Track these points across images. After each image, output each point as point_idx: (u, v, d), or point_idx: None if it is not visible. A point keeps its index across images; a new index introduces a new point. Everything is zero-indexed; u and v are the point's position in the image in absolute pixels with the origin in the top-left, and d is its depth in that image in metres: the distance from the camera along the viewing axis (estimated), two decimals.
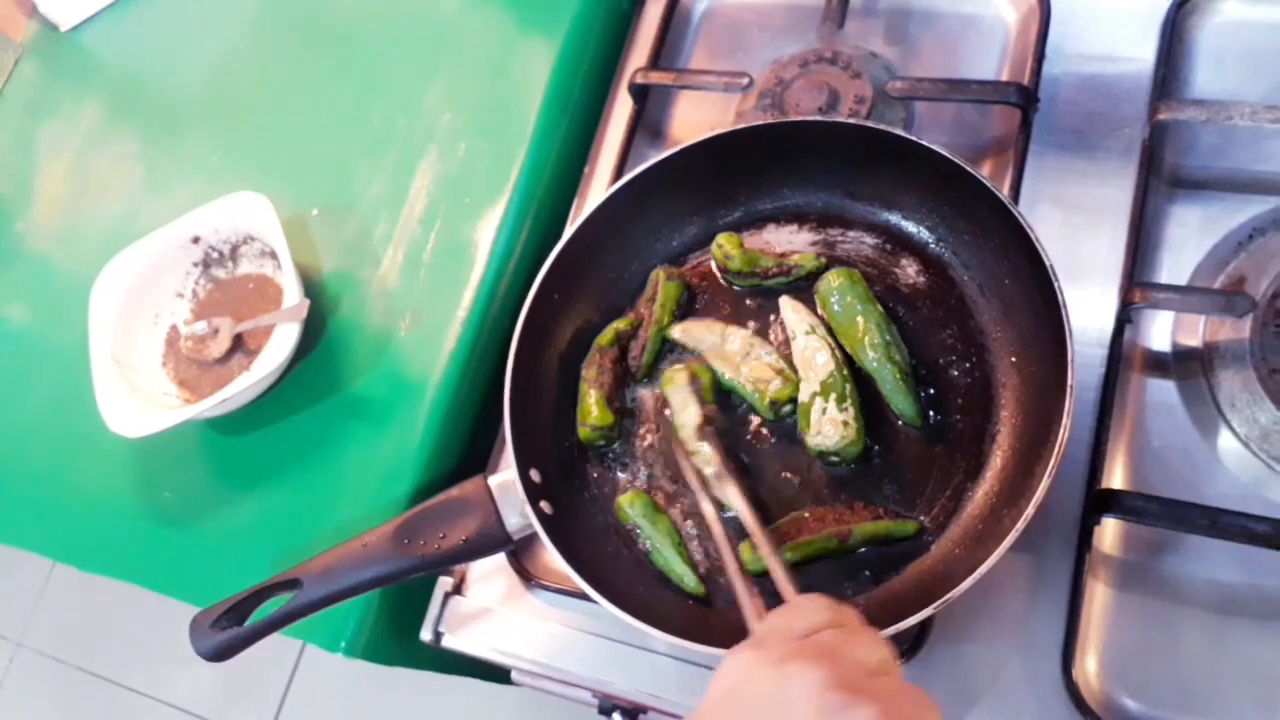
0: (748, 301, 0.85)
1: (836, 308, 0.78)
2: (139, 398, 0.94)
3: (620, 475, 0.82)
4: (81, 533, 0.97)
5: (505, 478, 0.77)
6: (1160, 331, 0.78)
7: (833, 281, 0.79)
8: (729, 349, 0.81)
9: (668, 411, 0.81)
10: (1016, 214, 0.71)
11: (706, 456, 0.75)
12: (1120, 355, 0.76)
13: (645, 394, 0.84)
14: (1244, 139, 0.80)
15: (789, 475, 0.78)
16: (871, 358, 0.76)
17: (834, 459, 0.76)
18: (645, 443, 0.83)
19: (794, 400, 0.78)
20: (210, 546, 0.92)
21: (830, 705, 0.47)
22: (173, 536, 0.93)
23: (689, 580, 0.76)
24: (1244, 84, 0.83)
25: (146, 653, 1.90)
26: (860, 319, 0.77)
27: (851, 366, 0.78)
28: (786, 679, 0.49)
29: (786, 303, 0.81)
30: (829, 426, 0.75)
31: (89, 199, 1.15)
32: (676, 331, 0.84)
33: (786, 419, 0.80)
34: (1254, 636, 0.69)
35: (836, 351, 0.78)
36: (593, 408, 0.82)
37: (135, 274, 0.99)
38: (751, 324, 0.83)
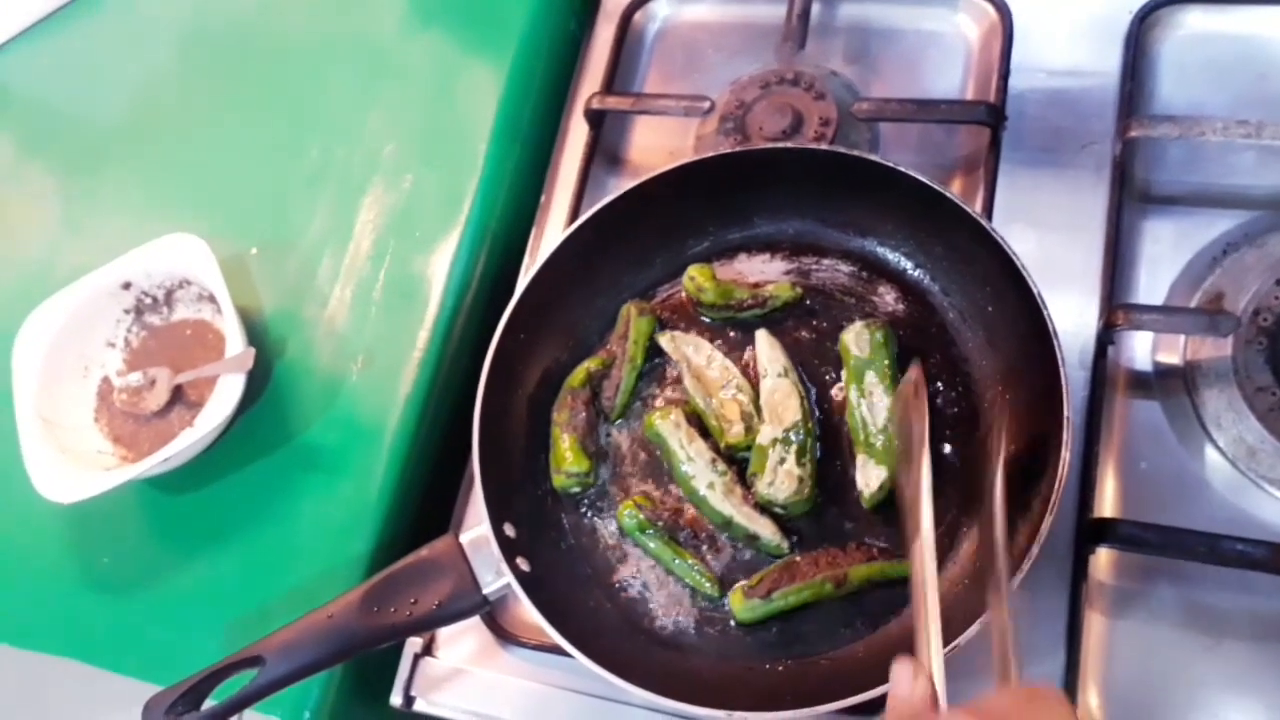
0: (721, 334, 0.82)
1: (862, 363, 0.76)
2: (71, 458, 0.88)
3: (596, 521, 0.79)
4: (13, 606, 0.90)
5: (478, 534, 0.73)
6: (1141, 351, 0.77)
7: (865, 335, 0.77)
8: (710, 374, 0.79)
9: (655, 453, 0.78)
10: (1000, 240, 0.69)
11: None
12: (1104, 378, 0.75)
13: (620, 435, 0.81)
14: (1212, 153, 0.80)
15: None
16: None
17: (779, 510, 0.74)
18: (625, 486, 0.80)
19: (749, 448, 0.76)
20: (157, 616, 0.85)
21: None
22: (114, 606, 0.87)
23: (708, 584, 0.74)
24: (1208, 96, 0.82)
25: None
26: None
27: (816, 418, 0.76)
28: None
29: (763, 338, 0.78)
30: (783, 479, 0.73)
31: (3, 243, 1.07)
32: (665, 340, 0.81)
33: (737, 456, 0.77)
34: (1252, 660, 0.68)
35: (806, 401, 0.76)
36: (566, 453, 0.78)
37: (61, 324, 0.92)
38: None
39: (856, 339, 0.76)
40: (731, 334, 0.82)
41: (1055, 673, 0.69)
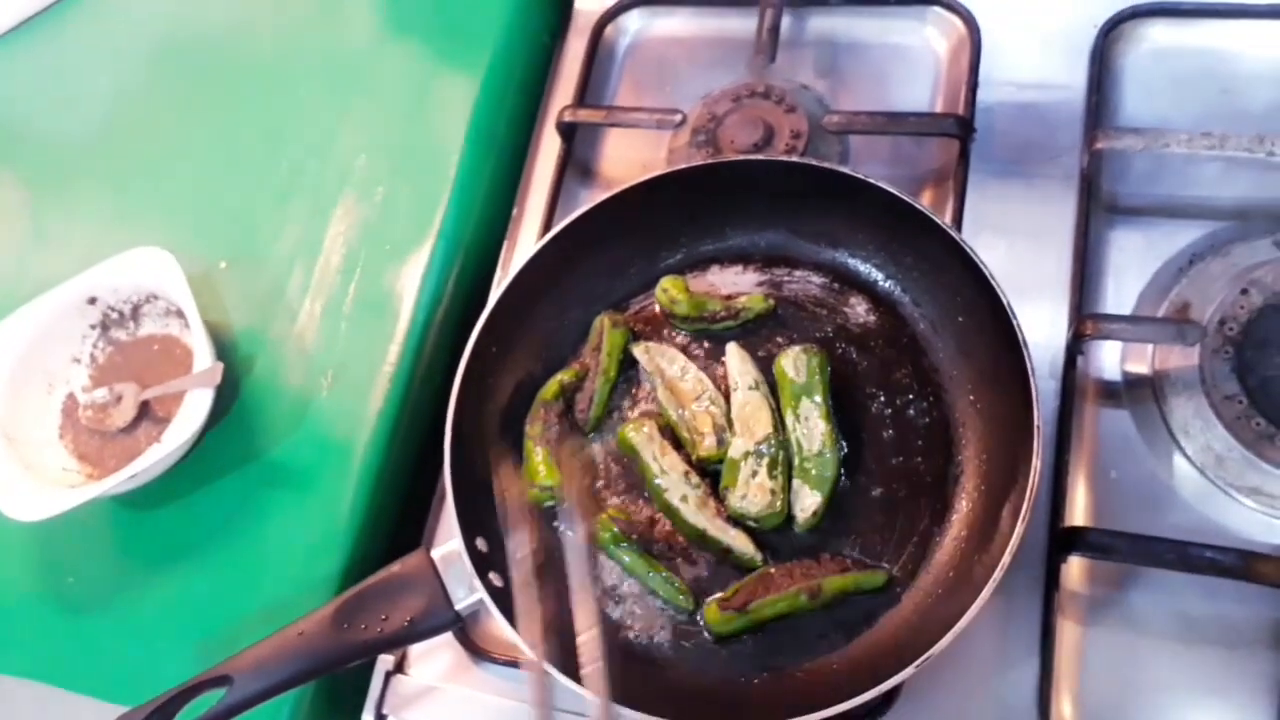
0: (693, 346, 0.82)
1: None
2: (34, 475, 0.86)
3: (569, 535, 0.78)
4: None
5: (449, 549, 0.72)
6: (1110, 361, 0.77)
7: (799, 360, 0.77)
8: (684, 386, 0.78)
9: (629, 466, 0.78)
10: (969, 251, 0.70)
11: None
12: (1074, 388, 0.75)
13: (595, 448, 0.80)
14: (1175, 165, 0.81)
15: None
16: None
17: (751, 524, 0.74)
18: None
19: (721, 461, 0.76)
20: (123, 635, 0.84)
21: None
22: (79, 626, 0.85)
23: (681, 597, 0.73)
24: (1172, 109, 0.83)
25: None
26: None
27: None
28: None
29: (734, 351, 0.78)
30: (756, 493, 0.73)
31: None
32: (639, 351, 0.80)
33: (710, 468, 0.77)
34: (1224, 666, 0.68)
35: (777, 414, 0.76)
36: (539, 466, 0.77)
37: (25, 340, 0.91)
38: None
39: (794, 364, 0.76)
40: (705, 345, 0.82)
41: (1029, 681, 0.69)
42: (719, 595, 0.72)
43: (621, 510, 0.77)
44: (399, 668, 0.80)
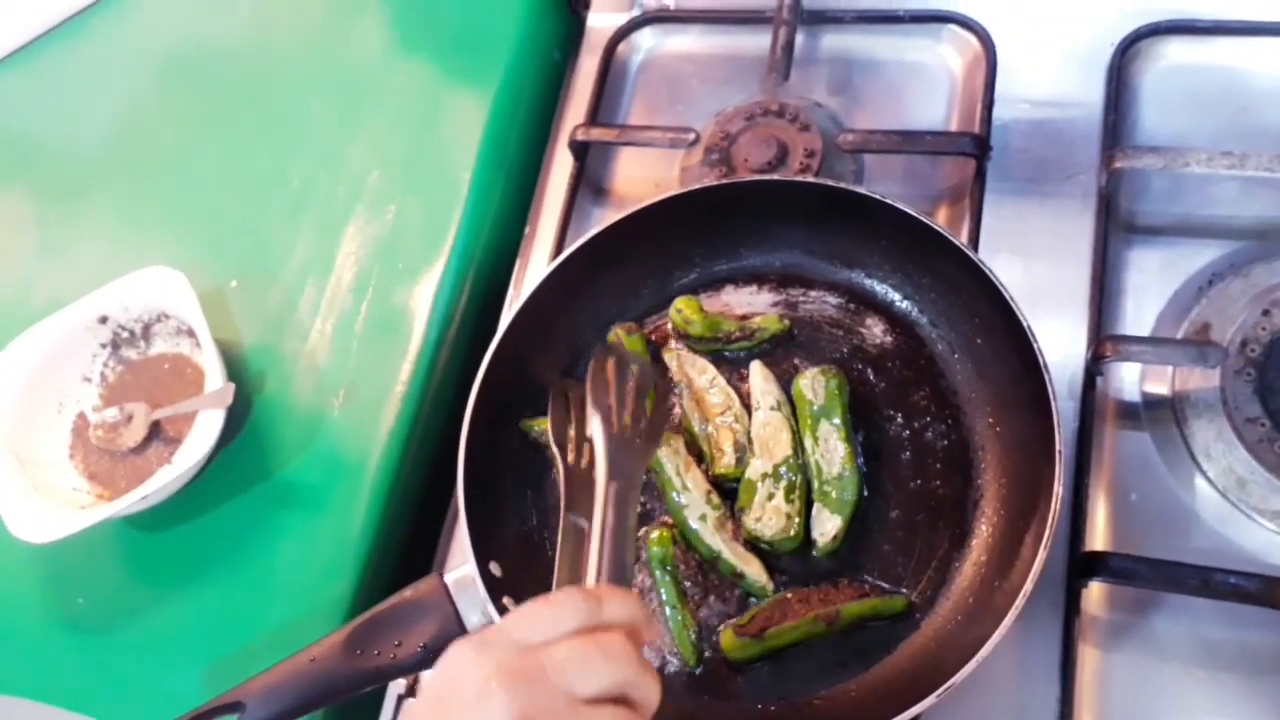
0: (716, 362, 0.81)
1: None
2: (44, 496, 0.86)
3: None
4: None
5: (463, 573, 0.71)
6: (1129, 382, 0.77)
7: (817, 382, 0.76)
8: (711, 399, 0.78)
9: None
10: (988, 272, 0.69)
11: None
12: (1093, 410, 0.74)
13: None
14: (1194, 184, 0.80)
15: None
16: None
17: (764, 546, 0.73)
18: None
19: (739, 479, 0.75)
20: (133, 658, 0.83)
21: None
22: (89, 648, 0.85)
23: (688, 649, 0.72)
24: (1190, 127, 0.83)
25: None
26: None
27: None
28: (485, 703, 0.46)
29: (758, 370, 0.78)
30: (771, 516, 0.72)
31: None
32: (669, 358, 0.80)
33: (726, 485, 0.76)
34: (1246, 693, 0.67)
35: (798, 437, 0.75)
36: None
37: (35, 359, 0.90)
38: None
39: (812, 385, 0.75)
40: (727, 356, 0.81)
41: (1049, 708, 0.68)
42: (735, 621, 0.71)
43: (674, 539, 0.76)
44: (411, 692, 0.79)
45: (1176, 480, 0.73)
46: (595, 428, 0.67)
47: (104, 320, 0.92)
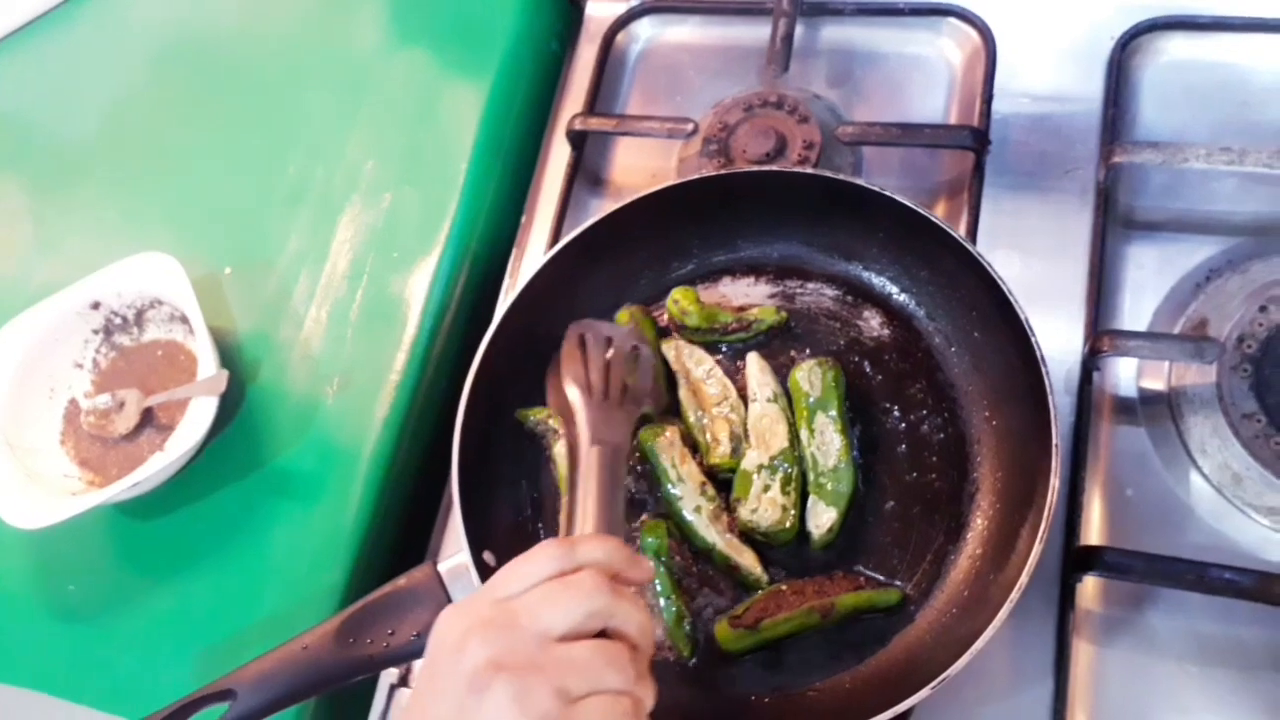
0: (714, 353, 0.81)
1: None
2: (35, 482, 0.85)
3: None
4: None
5: (456, 562, 0.71)
6: (1126, 377, 0.77)
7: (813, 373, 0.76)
8: (707, 389, 0.77)
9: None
10: (987, 266, 0.69)
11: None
12: (1090, 404, 0.74)
13: None
14: (1193, 180, 0.80)
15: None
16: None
17: (759, 538, 0.73)
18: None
19: (734, 470, 0.75)
20: (124, 645, 0.83)
21: (475, 685, 0.46)
22: (80, 636, 0.84)
23: (682, 642, 0.71)
24: (1189, 123, 0.83)
25: None
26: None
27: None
28: (460, 654, 0.48)
29: (754, 361, 0.77)
30: (767, 507, 0.72)
31: None
32: (668, 348, 0.80)
33: (720, 476, 0.76)
34: (1239, 689, 0.67)
35: (794, 429, 0.75)
36: None
37: (27, 344, 0.89)
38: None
39: (808, 377, 0.75)
40: (723, 352, 0.81)
41: (1043, 701, 0.68)
42: (729, 612, 0.71)
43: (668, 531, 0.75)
44: (403, 681, 0.79)
45: (1172, 476, 0.73)
46: (573, 398, 0.66)
47: (96, 306, 0.91)
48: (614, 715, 0.47)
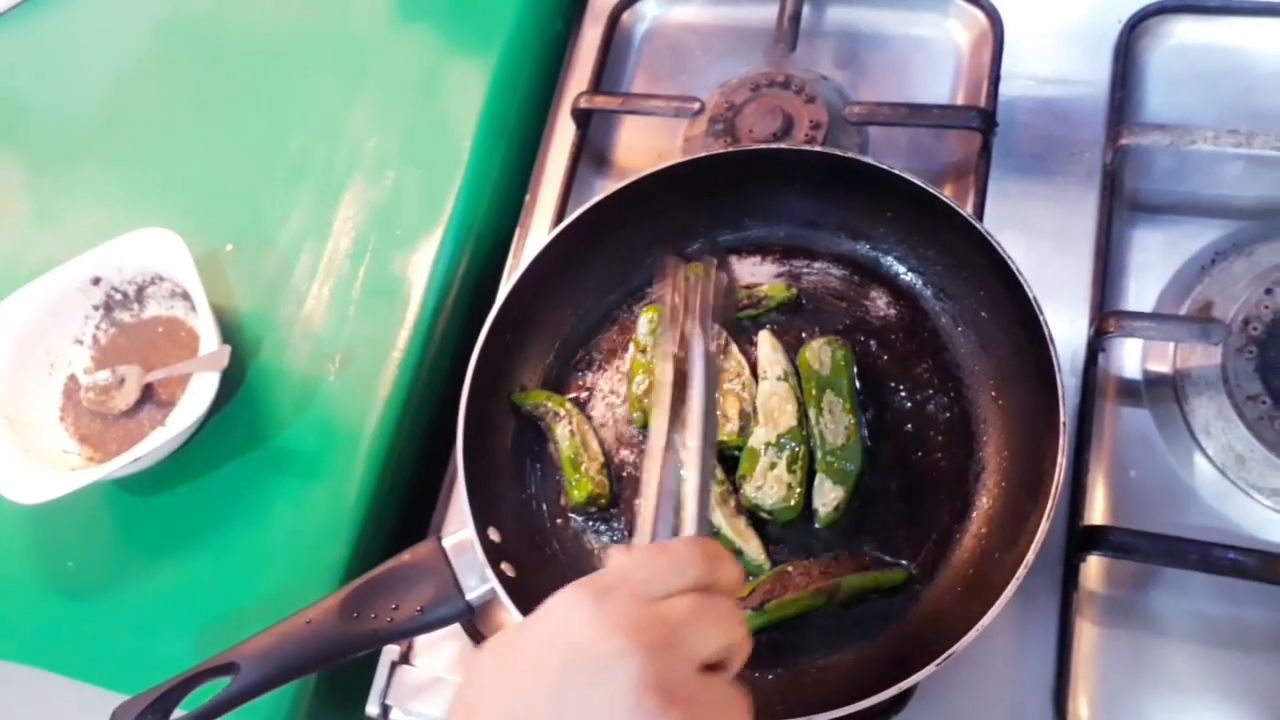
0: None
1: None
2: (34, 458, 0.85)
3: (585, 526, 0.77)
4: None
5: (461, 538, 0.71)
6: (1131, 359, 0.77)
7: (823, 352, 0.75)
8: (723, 364, 0.77)
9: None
10: (995, 245, 0.69)
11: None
12: (1095, 386, 0.74)
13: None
14: (1200, 162, 0.80)
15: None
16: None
17: (764, 515, 0.73)
18: None
19: (741, 447, 0.75)
20: (125, 621, 0.82)
21: (644, 712, 0.41)
22: (80, 612, 0.84)
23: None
24: (1196, 106, 0.82)
25: None
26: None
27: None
28: (605, 663, 0.42)
29: (766, 339, 0.77)
30: (773, 485, 0.72)
31: None
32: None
33: (727, 453, 0.76)
34: (1242, 669, 0.68)
35: (803, 408, 0.74)
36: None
37: (26, 320, 0.89)
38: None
39: (818, 355, 0.75)
40: (720, 339, 0.80)
41: (1045, 680, 0.68)
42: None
43: None
44: (405, 658, 0.79)
45: (1176, 457, 0.73)
46: (696, 354, 0.58)
47: (97, 282, 0.91)
48: None
